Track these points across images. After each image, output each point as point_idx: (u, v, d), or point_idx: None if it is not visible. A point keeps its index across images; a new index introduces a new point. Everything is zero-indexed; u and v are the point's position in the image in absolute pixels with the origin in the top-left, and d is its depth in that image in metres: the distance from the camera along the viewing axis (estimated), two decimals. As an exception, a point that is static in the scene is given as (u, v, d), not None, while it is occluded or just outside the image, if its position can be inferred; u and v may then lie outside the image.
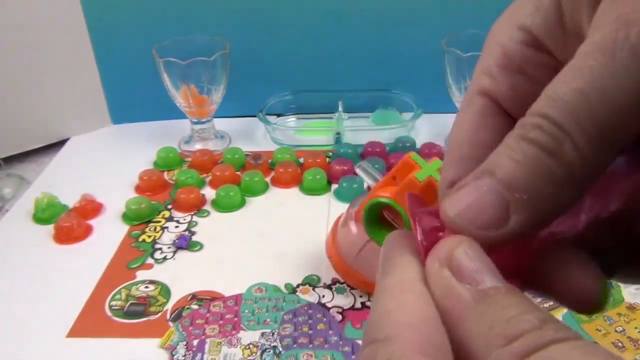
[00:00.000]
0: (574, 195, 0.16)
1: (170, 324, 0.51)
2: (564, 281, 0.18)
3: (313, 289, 0.54)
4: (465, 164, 0.19)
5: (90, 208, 0.66)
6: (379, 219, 0.45)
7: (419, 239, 0.17)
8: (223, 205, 0.67)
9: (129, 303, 0.53)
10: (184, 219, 0.65)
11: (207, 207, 0.67)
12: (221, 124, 0.81)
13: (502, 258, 0.16)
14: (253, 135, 0.82)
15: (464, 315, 0.15)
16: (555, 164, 0.16)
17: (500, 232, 0.16)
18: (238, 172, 0.73)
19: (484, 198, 0.16)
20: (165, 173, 0.74)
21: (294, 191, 0.70)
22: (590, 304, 0.17)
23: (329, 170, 0.71)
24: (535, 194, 0.16)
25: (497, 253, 0.16)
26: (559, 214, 0.17)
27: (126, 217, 0.65)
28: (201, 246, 0.61)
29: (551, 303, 0.52)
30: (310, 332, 0.49)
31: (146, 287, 0.55)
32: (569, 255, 0.18)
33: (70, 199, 0.67)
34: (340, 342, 0.48)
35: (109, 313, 0.52)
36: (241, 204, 0.67)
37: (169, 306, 0.53)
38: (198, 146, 0.78)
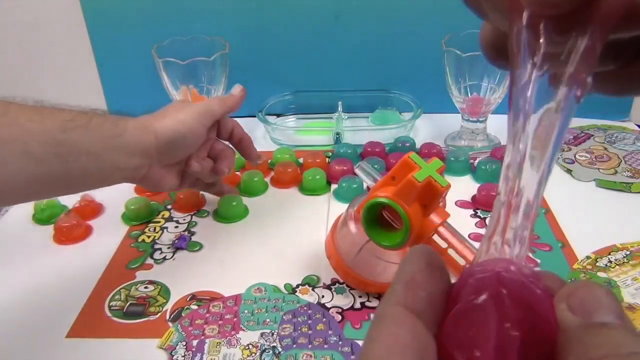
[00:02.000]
0: None
1: (170, 324, 0.51)
2: None
3: (312, 289, 0.54)
4: None
5: (89, 208, 0.66)
6: (378, 219, 0.45)
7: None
8: (225, 217, 0.65)
9: (128, 303, 0.53)
10: (184, 219, 0.65)
11: (207, 207, 0.67)
12: (221, 124, 0.81)
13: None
14: (253, 135, 0.81)
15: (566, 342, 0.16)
16: None
17: None
18: (238, 172, 0.73)
19: None
20: (165, 173, 0.74)
21: (294, 191, 0.70)
22: None
23: (329, 170, 0.71)
24: None
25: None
26: None
27: (126, 217, 0.65)
28: (201, 246, 0.61)
29: None
30: (310, 332, 0.49)
31: (146, 287, 0.55)
32: None
33: (70, 200, 0.67)
34: (340, 342, 0.48)
35: (108, 313, 0.52)
36: (244, 214, 0.66)
37: (169, 306, 0.53)
38: (198, 146, 0.78)
